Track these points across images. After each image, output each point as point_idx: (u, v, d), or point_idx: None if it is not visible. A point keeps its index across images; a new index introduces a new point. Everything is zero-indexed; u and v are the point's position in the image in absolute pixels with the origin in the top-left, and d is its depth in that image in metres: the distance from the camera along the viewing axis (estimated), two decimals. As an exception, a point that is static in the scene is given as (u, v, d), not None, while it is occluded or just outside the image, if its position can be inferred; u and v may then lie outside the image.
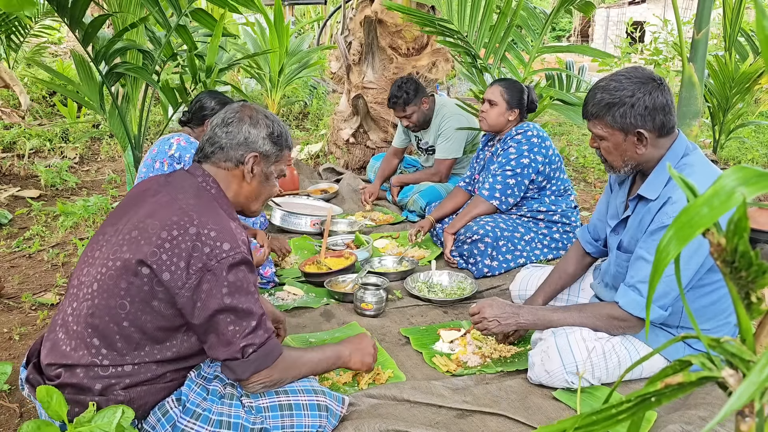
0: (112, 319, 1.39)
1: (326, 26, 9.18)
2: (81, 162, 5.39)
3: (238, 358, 1.42)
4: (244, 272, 1.42)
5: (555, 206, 2.94)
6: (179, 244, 1.38)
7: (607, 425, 0.54)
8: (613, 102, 1.73)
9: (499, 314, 1.95)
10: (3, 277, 2.88)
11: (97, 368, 1.39)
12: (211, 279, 1.38)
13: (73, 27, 3.18)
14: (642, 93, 1.71)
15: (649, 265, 1.73)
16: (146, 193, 1.53)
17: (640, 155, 1.78)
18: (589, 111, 1.80)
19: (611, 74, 1.80)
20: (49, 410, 1.29)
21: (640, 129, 1.73)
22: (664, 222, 1.70)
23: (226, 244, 1.40)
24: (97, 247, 1.49)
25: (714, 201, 0.49)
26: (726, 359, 0.58)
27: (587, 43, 19.04)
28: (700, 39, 2.98)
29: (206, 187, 1.53)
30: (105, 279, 1.41)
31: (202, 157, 1.58)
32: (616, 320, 1.82)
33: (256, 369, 1.45)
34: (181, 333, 1.45)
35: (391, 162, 4.11)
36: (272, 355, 1.48)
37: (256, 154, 1.56)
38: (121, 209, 1.54)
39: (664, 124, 1.74)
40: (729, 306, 1.82)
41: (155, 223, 1.41)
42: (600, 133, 1.79)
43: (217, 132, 1.56)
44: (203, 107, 2.75)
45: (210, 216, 1.44)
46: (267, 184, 1.63)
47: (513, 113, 2.94)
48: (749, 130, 6.37)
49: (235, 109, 1.59)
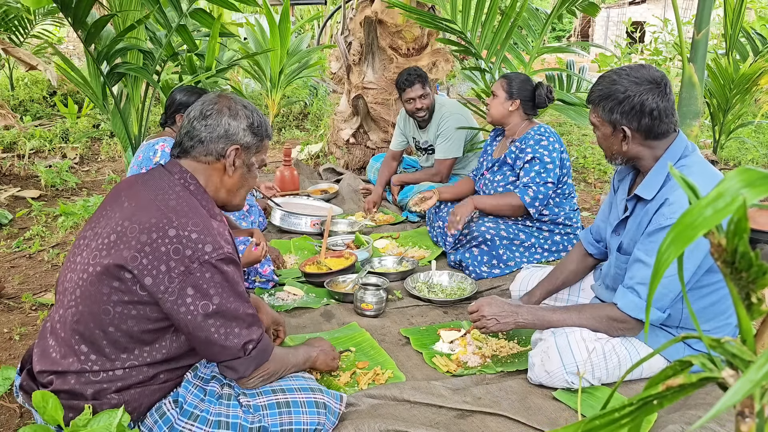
0: (98, 325, 1.37)
1: (326, 26, 9.18)
2: (81, 162, 5.39)
3: (240, 356, 1.42)
4: (228, 272, 1.39)
5: (558, 209, 2.93)
6: (159, 248, 1.34)
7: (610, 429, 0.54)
8: (606, 94, 1.76)
9: (497, 313, 1.95)
10: (3, 277, 2.88)
11: (87, 374, 1.38)
12: (194, 282, 1.34)
13: (77, 26, 3.18)
14: (633, 93, 1.72)
15: (646, 267, 1.73)
16: (123, 194, 1.49)
17: (626, 151, 1.80)
18: (589, 97, 1.84)
19: (621, 67, 1.81)
20: (45, 415, 1.28)
21: (624, 126, 1.75)
22: (661, 223, 1.70)
23: (208, 245, 1.36)
24: (78, 252, 1.47)
25: (718, 203, 0.49)
26: (726, 360, 0.58)
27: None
28: (700, 39, 2.98)
29: (185, 184, 1.49)
30: (87, 285, 1.38)
31: (181, 152, 1.54)
32: (615, 322, 1.82)
33: (258, 364, 1.47)
34: (169, 334, 1.42)
35: (390, 165, 4.10)
36: (269, 350, 1.51)
37: (237, 147, 1.52)
38: (100, 212, 1.51)
39: (651, 129, 1.74)
40: (729, 307, 1.82)
41: (134, 226, 1.38)
42: (593, 120, 1.85)
43: (196, 125, 1.52)
44: (173, 102, 2.73)
45: (190, 216, 1.40)
46: (249, 176, 1.60)
47: (513, 103, 2.93)
48: (749, 130, 6.37)
49: (213, 101, 1.55)
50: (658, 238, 1.71)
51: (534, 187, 2.80)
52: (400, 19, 4.55)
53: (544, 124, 2.96)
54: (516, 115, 2.96)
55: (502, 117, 2.97)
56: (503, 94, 2.94)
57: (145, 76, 3.41)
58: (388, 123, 4.80)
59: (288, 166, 4.31)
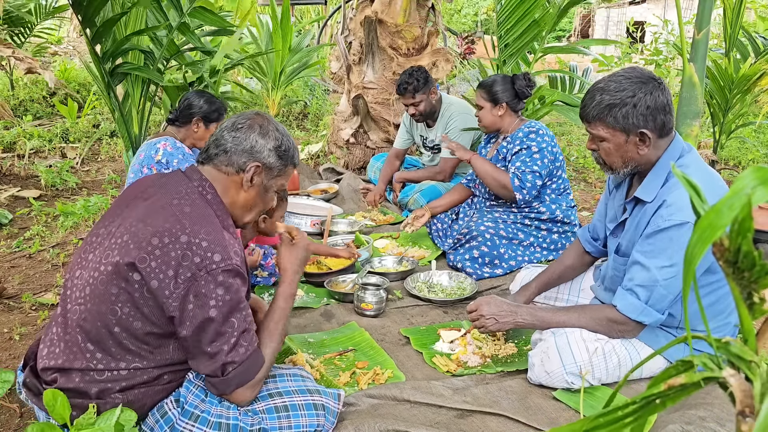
0: (104, 324, 1.37)
1: (326, 26, 9.18)
2: (81, 162, 5.39)
3: (218, 375, 1.41)
4: (233, 285, 1.38)
5: (555, 205, 2.94)
6: (169, 252, 1.35)
7: (613, 429, 0.53)
8: (614, 103, 1.72)
9: (496, 312, 1.95)
10: (3, 277, 2.88)
11: (92, 372, 1.38)
12: (198, 290, 1.34)
13: (85, 25, 3.18)
14: (643, 93, 1.70)
15: (645, 269, 1.72)
16: (140, 195, 1.49)
17: (642, 156, 1.77)
18: (588, 113, 1.78)
19: (609, 75, 1.79)
20: (54, 413, 1.29)
21: (643, 129, 1.72)
22: (660, 225, 1.69)
23: (217, 255, 1.36)
24: (90, 249, 1.47)
25: (734, 201, 0.49)
26: (727, 359, 0.58)
27: (587, 44, 19.01)
28: (700, 39, 2.98)
29: (202, 192, 1.49)
30: (97, 284, 1.39)
31: (205, 158, 1.54)
32: (614, 324, 1.82)
33: (237, 385, 1.43)
34: (173, 340, 1.42)
35: (393, 164, 4.11)
36: (253, 369, 1.45)
37: (258, 164, 1.52)
38: (114, 210, 1.51)
39: (665, 124, 1.73)
40: (728, 306, 1.82)
41: (147, 228, 1.38)
42: (601, 134, 1.78)
43: (225, 135, 1.53)
44: (191, 105, 2.77)
45: (203, 225, 1.40)
46: (264, 197, 1.58)
47: (501, 108, 2.96)
48: (749, 130, 6.37)
49: (248, 116, 1.56)
50: (656, 240, 1.70)
51: (520, 175, 2.84)
52: (400, 18, 4.55)
53: (535, 121, 2.99)
54: (507, 116, 2.99)
55: (495, 124, 3.01)
56: (488, 104, 2.97)
57: (152, 75, 3.41)
58: (388, 123, 4.80)
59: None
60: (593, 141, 1.83)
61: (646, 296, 1.72)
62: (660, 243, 1.69)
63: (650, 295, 1.72)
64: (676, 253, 1.66)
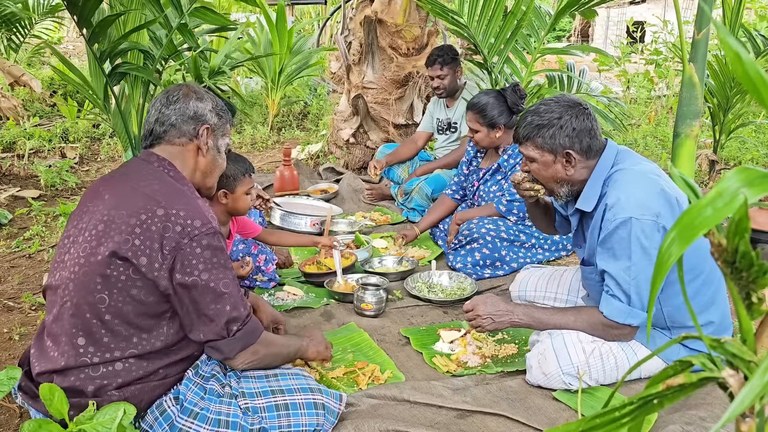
0: (94, 315, 1.39)
1: (326, 26, 9.18)
2: (81, 162, 5.39)
3: (224, 336, 1.43)
4: (218, 246, 1.43)
5: None
6: (150, 227, 1.39)
7: (610, 429, 0.53)
8: (543, 123, 1.82)
9: (493, 312, 1.95)
10: (3, 277, 2.88)
11: (88, 368, 1.39)
12: (185, 257, 1.39)
13: (81, 25, 3.17)
14: (569, 116, 1.80)
15: (611, 276, 1.76)
16: (103, 189, 1.53)
17: (570, 176, 1.85)
18: (520, 133, 1.88)
19: (542, 100, 1.89)
20: (51, 408, 1.29)
21: (569, 150, 1.80)
22: (608, 228, 1.75)
23: (197, 221, 1.41)
24: (65, 251, 1.49)
25: (718, 202, 0.49)
26: (726, 359, 0.58)
27: (587, 43, 19.04)
28: (700, 39, 2.97)
29: (165, 170, 1.53)
30: (79, 277, 1.41)
31: (154, 140, 1.58)
32: (610, 328, 1.82)
33: (243, 347, 1.47)
34: (165, 320, 1.45)
35: (410, 146, 4.13)
36: (256, 332, 1.51)
37: (207, 125, 1.58)
38: (80, 209, 1.54)
39: (591, 147, 1.82)
40: (710, 303, 1.82)
41: (121, 212, 1.42)
42: (531, 154, 1.87)
43: (164, 111, 1.57)
44: None
45: (176, 197, 1.45)
46: (219, 158, 1.66)
47: (499, 130, 2.94)
48: (750, 130, 6.36)
49: (177, 88, 1.61)
50: (610, 244, 1.75)
51: (507, 196, 2.88)
52: (400, 18, 4.54)
53: None
54: (504, 135, 2.98)
55: (492, 144, 3.01)
56: (484, 128, 2.94)
57: (150, 75, 3.40)
58: (388, 123, 4.80)
59: (288, 165, 4.30)
60: (525, 162, 1.92)
61: (626, 299, 1.75)
62: (614, 245, 1.74)
63: (629, 297, 1.74)
64: (632, 250, 1.70)
